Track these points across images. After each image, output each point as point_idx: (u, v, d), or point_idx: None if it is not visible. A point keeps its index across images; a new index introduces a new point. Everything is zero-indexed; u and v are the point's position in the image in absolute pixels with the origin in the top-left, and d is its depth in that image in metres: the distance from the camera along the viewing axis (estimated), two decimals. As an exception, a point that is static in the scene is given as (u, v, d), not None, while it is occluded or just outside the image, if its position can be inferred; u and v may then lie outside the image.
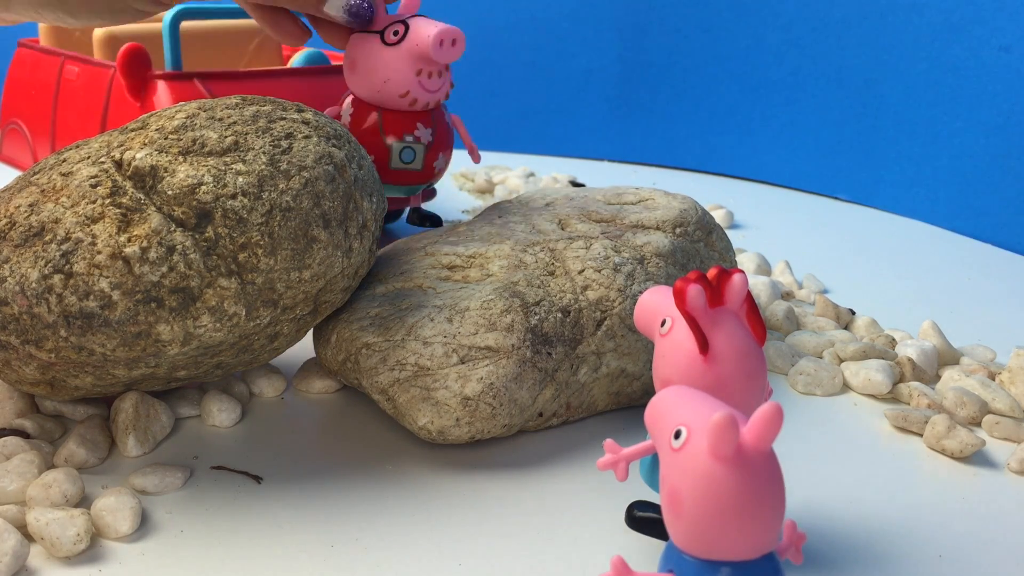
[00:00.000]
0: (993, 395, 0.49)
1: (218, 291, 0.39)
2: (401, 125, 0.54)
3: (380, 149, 0.54)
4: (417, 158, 0.54)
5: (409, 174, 0.54)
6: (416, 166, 0.54)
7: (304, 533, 0.38)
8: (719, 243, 0.54)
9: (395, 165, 0.54)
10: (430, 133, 0.54)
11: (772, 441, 0.26)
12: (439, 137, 0.55)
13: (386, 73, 0.52)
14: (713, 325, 0.32)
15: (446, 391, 0.42)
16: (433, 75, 0.52)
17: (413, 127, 0.53)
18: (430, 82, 0.52)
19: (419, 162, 0.54)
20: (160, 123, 0.42)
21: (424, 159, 0.54)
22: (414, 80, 0.52)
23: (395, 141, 0.53)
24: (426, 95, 0.52)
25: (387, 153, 0.54)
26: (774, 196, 0.93)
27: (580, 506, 0.40)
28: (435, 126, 0.54)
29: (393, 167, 0.54)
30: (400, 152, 0.53)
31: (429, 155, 0.54)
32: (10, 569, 0.34)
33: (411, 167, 0.54)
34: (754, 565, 0.27)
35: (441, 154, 0.55)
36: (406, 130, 0.53)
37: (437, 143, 0.55)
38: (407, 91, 0.52)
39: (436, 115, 0.55)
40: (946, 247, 0.78)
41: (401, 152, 0.53)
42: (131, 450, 0.42)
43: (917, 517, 0.40)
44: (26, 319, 0.38)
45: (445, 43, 0.50)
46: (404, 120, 0.54)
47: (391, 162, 0.54)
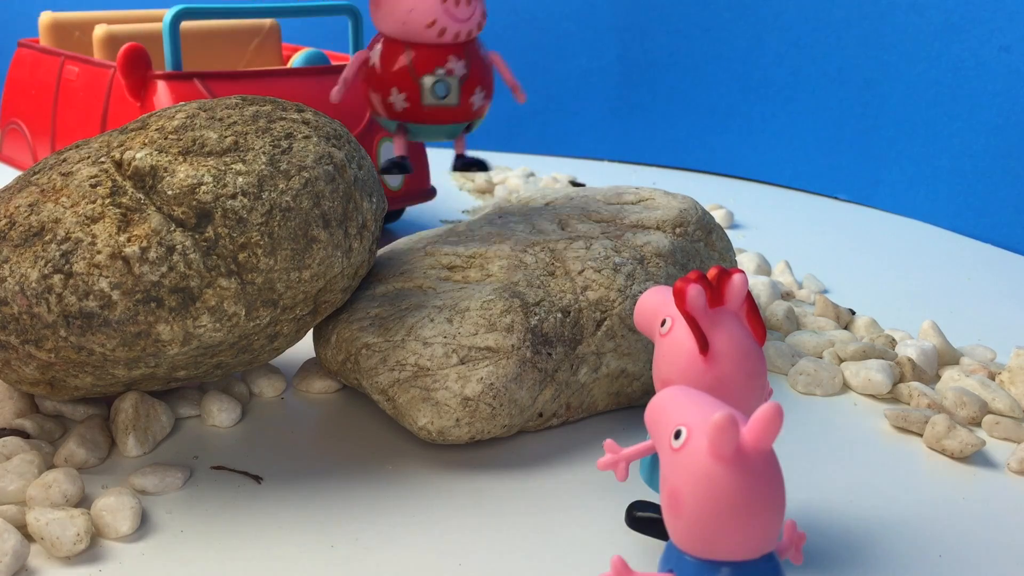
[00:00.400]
0: (993, 395, 0.49)
1: (218, 291, 0.39)
2: (432, 59, 0.49)
3: (412, 86, 0.50)
4: (452, 92, 0.50)
5: (445, 111, 0.50)
6: (451, 101, 0.50)
7: (304, 533, 0.38)
8: (719, 243, 0.54)
9: (428, 101, 0.50)
10: (463, 66, 0.50)
11: (772, 441, 0.26)
12: (475, 70, 0.50)
13: (410, 2, 0.48)
14: (713, 325, 0.32)
15: (446, 391, 0.42)
16: (461, 2, 0.48)
17: (445, 59, 0.49)
18: (458, 10, 0.48)
19: (454, 96, 0.50)
20: (160, 123, 0.42)
21: (459, 93, 0.50)
22: (440, 8, 0.48)
23: (427, 76, 0.49)
24: (455, 24, 0.48)
25: (418, 90, 0.49)
26: (774, 196, 0.93)
27: (580, 506, 0.40)
28: (469, 59, 0.50)
29: (426, 103, 0.50)
30: (433, 86, 0.49)
31: (464, 89, 0.50)
32: (10, 569, 0.34)
33: (446, 102, 0.50)
34: (754, 565, 0.27)
35: (478, 88, 0.51)
36: (437, 63, 0.49)
37: (473, 76, 0.50)
38: (433, 20, 0.48)
39: (470, 49, 0.50)
40: (946, 247, 0.78)
41: (434, 86, 0.49)
42: (131, 450, 0.42)
43: (917, 517, 0.40)
44: (26, 319, 0.38)
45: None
46: (435, 53, 0.49)
47: (423, 98, 0.50)
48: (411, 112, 0.50)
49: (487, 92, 0.51)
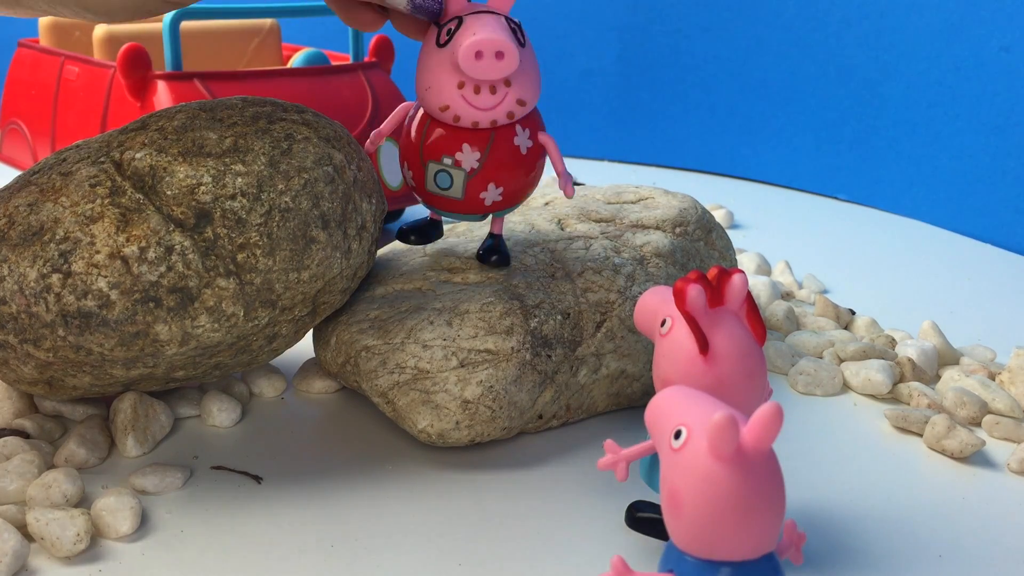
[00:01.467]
0: (993, 395, 0.49)
1: (216, 291, 0.39)
2: (444, 144, 0.43)
3: (418, 167, 0.44)
4: (455, 185, 0.44)
5: (447, 201, 0.45)
6: (454, 194, 0.44)
7: (304, 533, 0.38)
8: (719, 242, 0.54)
9: (430, 188, 0.44)
10: (477, 159, 0.43)
11: (772, 441, 0.26)
12: (492, 165, 0.43)
13: (429, 79, 0.42)
14: (713, 325, 0.32)
15: (446, 394, 0.41)
16: (482, 91, 0.41)
17: (457, 149, 0.43)
18: (478, 98, 0.42)
19: (457, 190, 0.44)
20: (160, 123, 0.42)
21: (464, 188, 0.43)
22: (455, 93, 0.42)
23: (432, 161, 0.44)
24: (472, 112, 0.42)
25: (422, 173, 0.44)
26: (774, 196, 0.93)
27: (580, 506, 0.40)
28: (491, 152, 0.43)
29: (428, 189, 0.44)
30: (435, 175, 0.44)
31: (472, 184, 0.43)
32: (10, 569, 0.34)
33: (448, 194, 0.44)
34: (754, 565, 0.27)
35: (492, 185, 0.44)
36: (447, 150, 0.43)
37: (487, 171, 0.43)
38: (447, 105, 0.42)
39: (501, 138, 0.43)
40: (946, 247, 0.78)
41: (436, 176, 0.44)
42: (130, 450, 0.42)
43: (917, 517, 0.40)
44: (24, 318, 0.38)
45: (484, 56, 0.40)
46: (449, 139, 0.43)
47: (426, 183, 0.44)
48: (417, 191, 0.45)
49: (510, 187, 0.44)
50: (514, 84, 0.42)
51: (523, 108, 0.43)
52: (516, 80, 0.42)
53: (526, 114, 0.43)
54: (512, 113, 0.42)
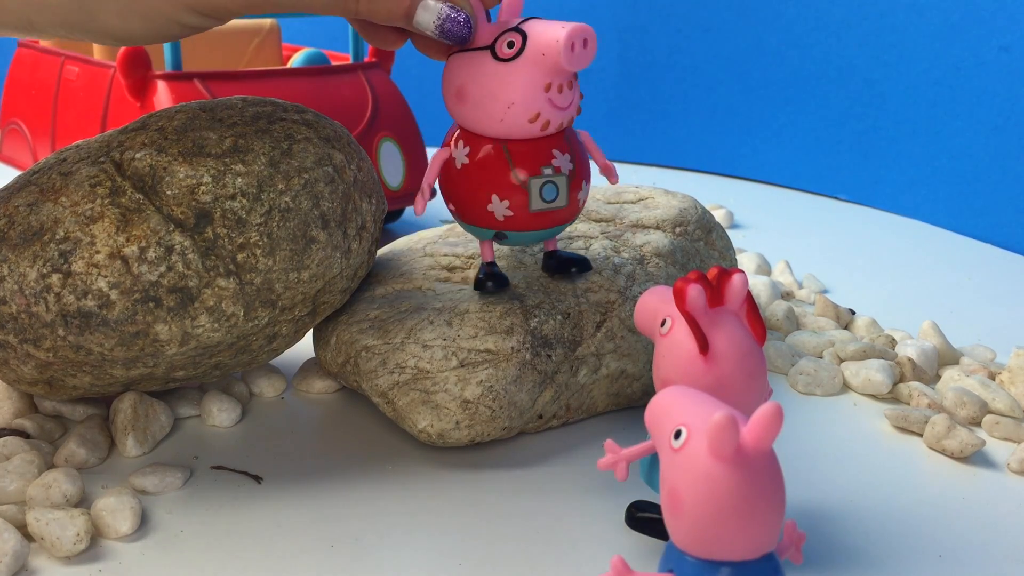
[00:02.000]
0: (993, 395, 0.49)
1: (216, 291, 0.39)
2: (537, 156, 0.42)
3: (516, 191, 0.42)
4: (561, 193, 0.42)
5: (553, 215, 0.43)
6: (560, 203, 0.42)
7: (304, 533, 0.38)
8: (719, 242, 0.54)
9: (536, 206, 0.42)
10: (569, 159, 0.42)
11: (772, 441, 0.26)
12: (579, 162, 0.43)
13: (510, 95, 0.40)
14: (713, 325, 0.32)
15: (446, 394, 0.41)
16: (564, 88, 0.41)
17: (550, 156, 0.42)
18: (561, 97, 0.41)
19: (563, 197, 0.42)
20: (160, 123, 0.42)
21: (568, 192, 0.42)
22: (543, 98, 0.40)
23: (532, 177, 0.41)
24: (559, 114, 0.41)
25: (525, 194, 0.42)
26: (774, 196, 0.93)
27: (580, 506, 0.40)
28: (572, 150, 0.43)
29: (534, 209, 0.42)
30: (541, 189, 0.42)
31: (573, 186, 0.42)
32: (10, 569, 0.34)
33: (555, 205, 0.42)
34: (754, 565, 0.27)
35: (584, 182, 0.43)
36: (542, 161, 0.42)
37: (578, 170, 0.43)
38: (537, 113, 0.40)
39: (570, 137, 0.43)
40: (946, 247, 0.78)
41: (542, 189, 0.42)
42: (130, 450, 0.42)
43: (917, 517, 0.40)
44: (24, 318, 0.38)
45: (577, 46, 0.39)
46: (539, 150, 0.42)
47: (531, 203, 0.42)
48: (516, 220, 0.42)
49: (589, 184, 0.44)
50: (576, 83, 0.42)
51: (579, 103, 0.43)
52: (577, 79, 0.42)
53: None
54: (579, 109, 0.42)
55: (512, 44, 0.40)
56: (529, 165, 0.41)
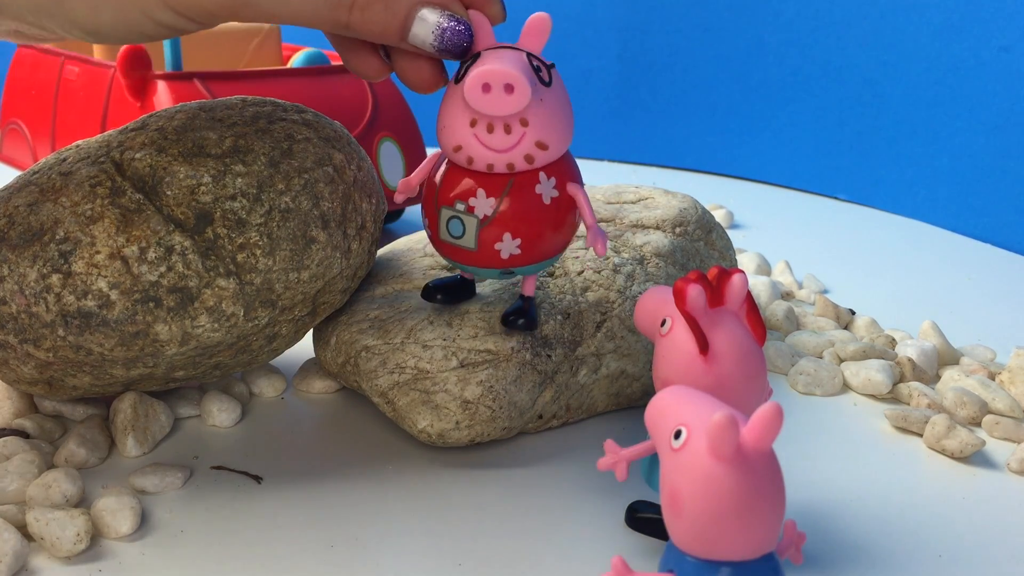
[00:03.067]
0: (993, 395, 0.49)
1: (216, 291, 0.39)
2: (458, 187, 0.39)
3: (432, 214, 0.41)
4: (467, 234, 0.39)
5: (462, 252, 0.40)
6: (467, 243, 0.40)
7: (304, 533, 0.38)
8: (719, 241, 0.54)
9: (443, 236, 0.40)
10: (492, 205, 0.39)
11: (772, 441, 0.26)
12: (510, 213, 0.39)
13: (443, 117, 0.39)
14: (713, 325, 0.32)
15: (446, 394, 0.41)
16: (496, 129, 0.37)
17: (471, 193, 0.39)
18: (491, 138, 0.38)
19: (471, 239, 0.39)
20: (160, 123, 0.42)
21: (478, 237, 0.39)
22: (468, 132, 0.38)
23: (443, 206, 0.40)
24: (486, 154, 0.38)
25: (436, 220, 0.40)
26: (774, 196, 0.93)
27: (580, 506, 0.40)
28: (507, 199, 0.39)
29: (441, 238, 0.40)
30: (447, 222, 0.40)
31: (486, 233, 0.39)
32: (10, 569, 0.34)
33: (461, 243, 0.40)
34: (754, 565, 0.27)
35: (508, 235, 0.39)
36: (461, 195, 0.39)
37: (501, 220, 0.39)
38: (459, 145, 0.38)
39: (520, 184, 0.39)
40: (946, 247, 0.78)
41: (449, 222, 0.40)
42: (130, 450, 0.42)
43: (917, 517, 0.40)
44: (24, 318, 0.38)
45: (492, 89, 0.36)
46: (463, 182, 0.39)
47: (439, 231, 0.40)
48: (432, 241, 0.42)
49: (529, 240, 0.40)
50: (532, 124, 0.38)
51: (545, 153, 0.38)
52: (535, 120, 0.38)
53: (552, 161, 0.39)
54: (531, 157, 0.38)
55: (467, 67, 0.38)
56: (448, 193, 0.40)
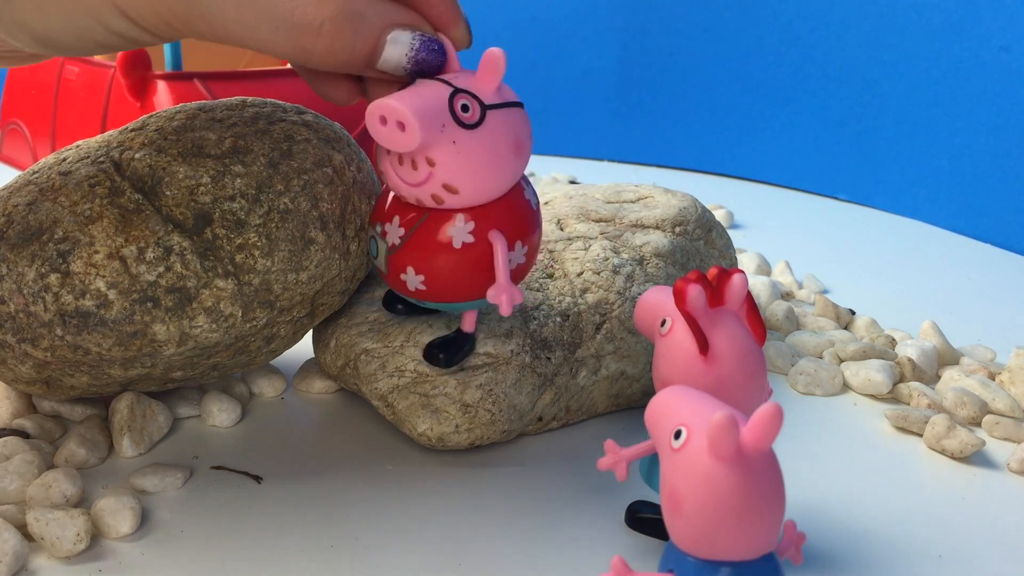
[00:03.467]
0: (993, 395, 0.49)
1: (215, 292, 0.39)
2: (380, 210, 0.39)
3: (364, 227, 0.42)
4: (379, 257, 0.39)
5: (381, 272, 0.40)
6: (379, 265, 0.40)
7: (304, 533, 0.38)
8: (719, 241, 0.54)
9: (369, 251, 0.41)
10: (400, 235, 0.38)
11: (772, 441, 0.26)
12: (414, 248, 0.38)
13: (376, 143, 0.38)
14: (713, 325, 0.32)
15: (445, 398, 0.41)
16: (405, 162, 0.36)
17: (387, 218, 0.39)
18: (401, 170, 0.36)
19: (383, 263, 0.39)
20: (160, 124, 0.42)
21: (387, 263, 0.39)
22: (386, 159, 0.37)
23: (370, 225, 0.40)
24: (399, 184, 0.37)
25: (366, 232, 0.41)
26: (774, 196, 0.93)
27: (580, 506, 0.40)
28: (415, 233, 0.37)
29: (368, 252, 0.41)
30: (369, 239, 0.41)
31: (394, 261, 0.38)
32: (10, 569, 0.34)
33: (376, 264, 0.40)
34: (754, 565, 0.27)
35: (412, 269, 0.38)
36: (381, 217, 0.39)
37: (406, 253, 0.38)
38: (381, 170, 0.38)
39: (431, 222, 0.37)
40: (946, 247, 0.78)
41: (369, 240, 0.40)
42: (126, 451, 0.42)
43: (917, 517, 0.40)
44: (22, 317, 0.38)
45: (388, 122, 0.34)
46: (386, 206, 0.39)
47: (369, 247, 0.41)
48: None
49: (433, 278, 0.38)
50: (440, 165, 0.35)
51: (456, 197, 0.36)
52: (444, 162, 0.35)
53: (471, 205, 0.37)
54: (438, 197, 0.36)
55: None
56: (374, 214, 0.40)
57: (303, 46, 0.33)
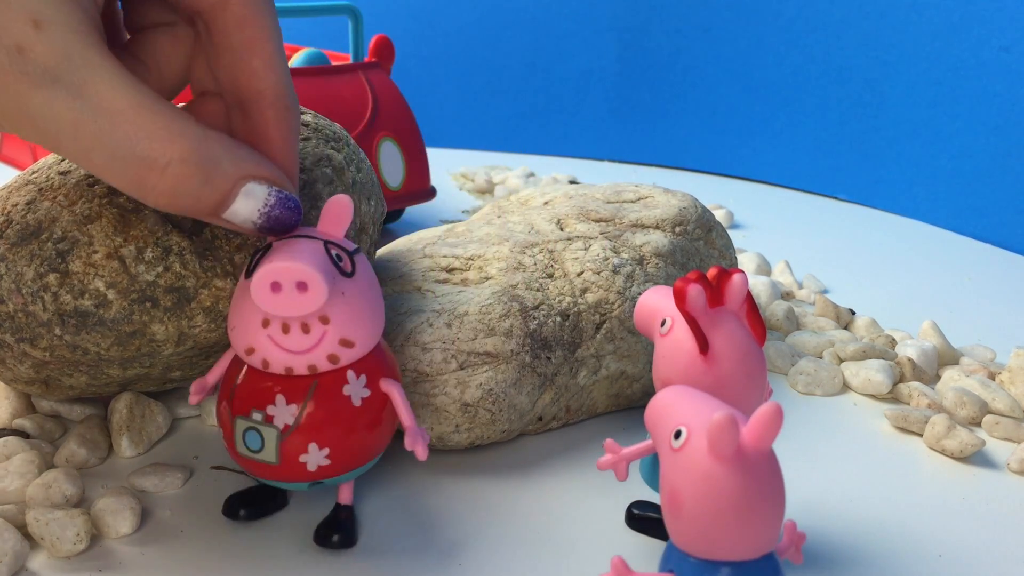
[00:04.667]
0: (993, 395, 0.49)
1: (213, 291, 0.38)
2: (254, 393, 0.34)
3: (226, 425, 0.35)
4: (267, 447, 0.34)
5: (262, 466, 0.35)
6: (267, 457, 0.34)
7: (304, 533, 0.38)
8: (719, 240, 0.54)
9: (241, 451, 0.35)
10: (293, 413, 0.34)
11: (772, 441, 0.26)
12: (315, 421, 0.34)
13: (233, 317, 0.34)
14: (713, 325, 0.32)
15: (445, 397, 0.41)
16: (292, 329, 0.33)
17: (269, 400, 0.34)
18: (288, 339, 0.33)
19: (271, 453, 0.34)
20: (159, 123, 0.41)
21: (279, 450, 0.34)
22: (260, 333, 0.33)
23: (239, 416, 0.34)
24: (282, 356, 0.33)
25: (231, 432, 0.35)
26: (774, 196, 0.93)
27: (580, 506, 0.40)
28: (311, 405, 0.34)
29: (239, 451, 0.35)
30: (244, 433, 0.34)
31: (288, 444, 0.34)
32: (10, 569, 0.34)
33: (260, 458, 0.34)
34: (754, 565, 0.27)
35: (315, 446, 0.34)
36: (257, 402, 0.34)
37: (307, 429, 0.34)
38: (252, 347, 0.34)
39: (324, 387, 0.34)
40: (946, 247, 0.78)
41: (245, 433, 0.34)
42: (124, 451, 0.42)
43: (917, 517, 0.40)
44: (21, 317, 0.38)
45: (283, 287, 0.32)
46: (260, 386, 0.34)
47: (236, 444, 0.35)
48: (230, 452, 0.36)
49: (339, 448, 0.35)
50: (334, 321, 0.33)
51: (351, 350, 0.34)
52: (338, 316, 0.33)
53: (360, 357, 0.35)
54: (335, 356, 0.34)
55: (254, 258, 0.33)
56: (241, 403, 0.34)
57: (142, 182, 0.30)
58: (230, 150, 0.31)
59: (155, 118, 0.29)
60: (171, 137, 0.30)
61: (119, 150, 0.29)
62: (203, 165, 0.30)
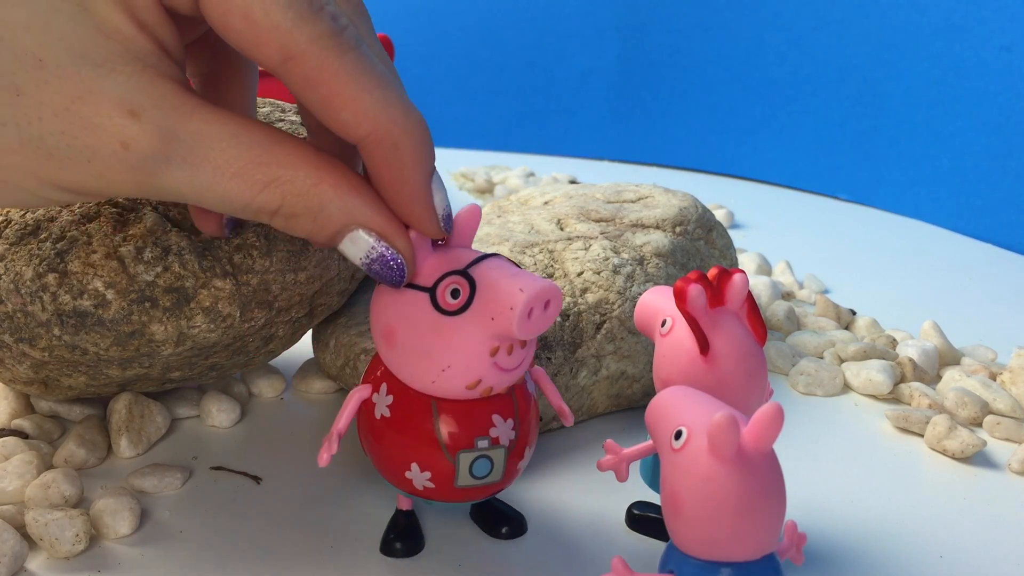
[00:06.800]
0: (994, 395, 0.49)
1: (213, 292, 0.38)
2: (470, 424, 0.33)
3: (443, 464, 0.34)
4: (496, 468, 0.34)
5: (483, 489, 0.35)
6: (494, 478, 0.34)
7: (304, 533, 0.38)
8: (719, 240, 0.54)
9: (463, 483, 0.34)
10: (512, 427, 0.34)
11: (773, 441, 0.26)
12: (525, 426, 0.35)
13: (447, 357, 0.32)
14: (713, 325, 0.32)
15: (446, 394, 0.41)
16: (515, 348, 0.32)
17: (488, 424, 0.33)
18: (510, 359, 0.33)
19: (499, 472, 0.34)
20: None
21: (506, 466, 0.34)
22: (487, 363, 0.32)
23: (462, 451, 0.33)
24: (506, 377, 0.33)
25: (452, 468, 0.34)
26: (774, 196, 0.93)
27: (580, 506, 0.40)
28: (518, 414, 0.34)
29: (460, 485, 0.34)
30: (472, 465, 0.34)
31: (513, 456, 0.34)
32: (9, 570, 0.34)
33: (487, 481, 0.34)
34: (754, 566, 0.27)
35: (528, 448, 0.35)
36: (478, 431, 0.33)
37: (523, 435, 0.34)
38: (478, 380, 0.32)
39: (517, 392, 0.34)
40: (946, 247, 0.78)
41: (473, 464, 0.34)
42: (123, 451, 0.42)
43: (917, 517, 0.40)
44: (20, 317, 0.38)
45: (536, 312, 0.31)
46: (474, 415, 0.33)
47: (458, 479, 0.34)
48: (438, 492, 0.34)
49: (535, 442, 0.36)
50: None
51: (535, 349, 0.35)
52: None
53: None
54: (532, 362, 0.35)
55: (457, 293, 0.32)
56: (462, 436, 0.33)
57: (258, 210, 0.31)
58: (341, 195, 0.31)
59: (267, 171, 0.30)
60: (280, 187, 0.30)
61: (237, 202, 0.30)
62: (311, 210, 0.31)
